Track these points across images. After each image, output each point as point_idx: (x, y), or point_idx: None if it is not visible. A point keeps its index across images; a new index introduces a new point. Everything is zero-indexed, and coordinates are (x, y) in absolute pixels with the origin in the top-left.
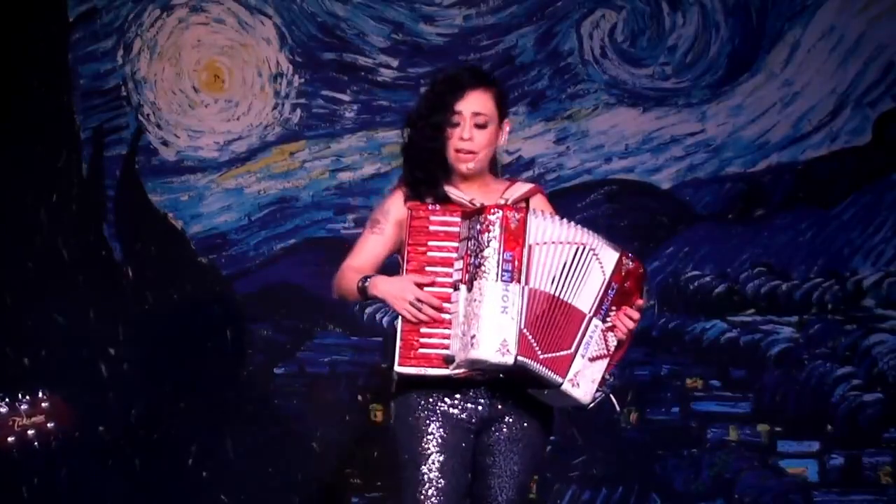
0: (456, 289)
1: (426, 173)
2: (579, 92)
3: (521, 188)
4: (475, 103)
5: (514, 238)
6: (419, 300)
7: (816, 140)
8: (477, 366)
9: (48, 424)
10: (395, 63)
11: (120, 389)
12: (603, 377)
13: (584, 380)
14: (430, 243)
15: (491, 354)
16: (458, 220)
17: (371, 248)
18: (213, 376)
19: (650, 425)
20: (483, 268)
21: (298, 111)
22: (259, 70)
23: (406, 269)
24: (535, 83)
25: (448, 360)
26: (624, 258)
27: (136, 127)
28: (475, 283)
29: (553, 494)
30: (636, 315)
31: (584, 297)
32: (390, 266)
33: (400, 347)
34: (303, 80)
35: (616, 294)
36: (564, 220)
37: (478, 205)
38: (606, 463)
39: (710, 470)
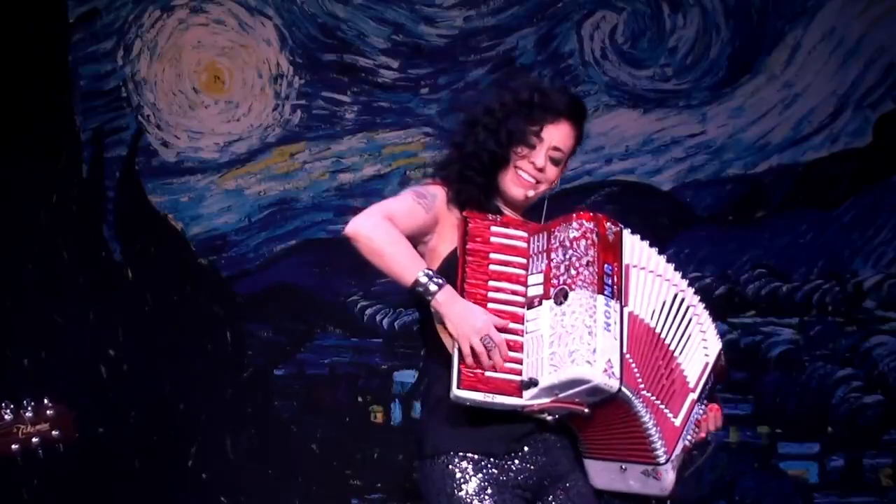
0: (532, 306)
1: (485, 179)
2: (580, 93)
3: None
4: (561, 136)
5: (613, 251)
6: (493, 341)
7: (817, 142)
8: (568, 389)
9: (52, 433)
10: (395, 64)
11: (120, 390)
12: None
13: (675, 468)
14: (493, 255)
15: (596, 374)
16: (522, 234)
17: (411, 216)
18: (213, 377)
19: None
20: (581, 276)
21: (299, 112)
22: (259, 71)
23: (466, 284)
24: None
25: (525, 385)
26: (722, 354)
27: (136, 128)
28: (570, 294)
29: None
30: (720, 422)
31: (691, 364)
32: None
33: (460, 367)
34: (303, 82)
35: (711, 387)
36: (655, 249)
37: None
38: None
39: (711, 472)
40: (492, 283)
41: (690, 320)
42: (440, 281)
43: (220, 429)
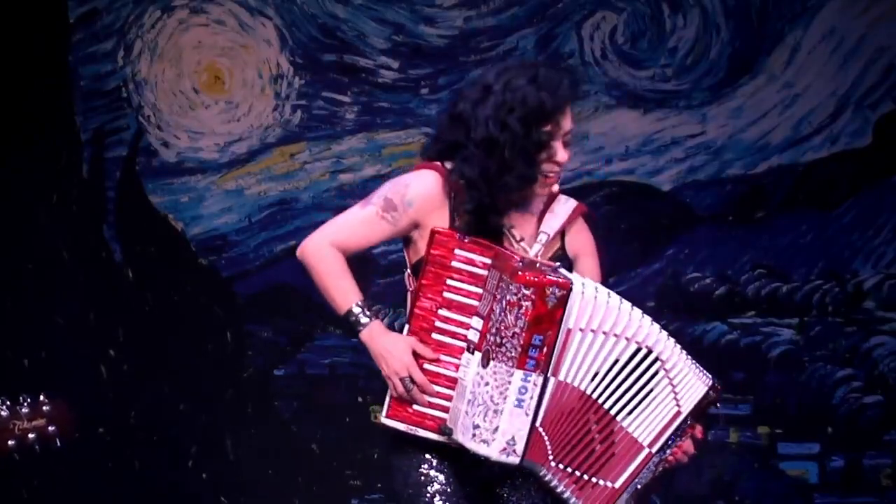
0: (469, 351)
1: (503, 205)
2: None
3: (562, 211)
4: (569, 119)
5: (549, 319)
6: (412, 381)
7: (817, 142)
8: (475, 454)
9: (49, 428)
10: (395, 65)
11: (120, 390)
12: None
13: None
14: (450, 282)
15: (492, 452)
16: (487, 261)
17: (371, 232)
18: (213, 378)
19: None
20: (504, 348)
21: (299, 113)
22: (259, 71)
23: (416, 308)
24: None
25: (443, 431)
26: (711, 391)
27: (136, 128)
28: (491, 362)
29: None
30: (692, 451)
31: (647, 422)
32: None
33: (391, 396)
34: (303, 82)
35: (687, 428)
36: (625, 304)
37: (517, 237)
38: None
39: (711, 472)
40: (441, 312)
41: (655, 375)
42: (370, 314)
43: (220, 429)
